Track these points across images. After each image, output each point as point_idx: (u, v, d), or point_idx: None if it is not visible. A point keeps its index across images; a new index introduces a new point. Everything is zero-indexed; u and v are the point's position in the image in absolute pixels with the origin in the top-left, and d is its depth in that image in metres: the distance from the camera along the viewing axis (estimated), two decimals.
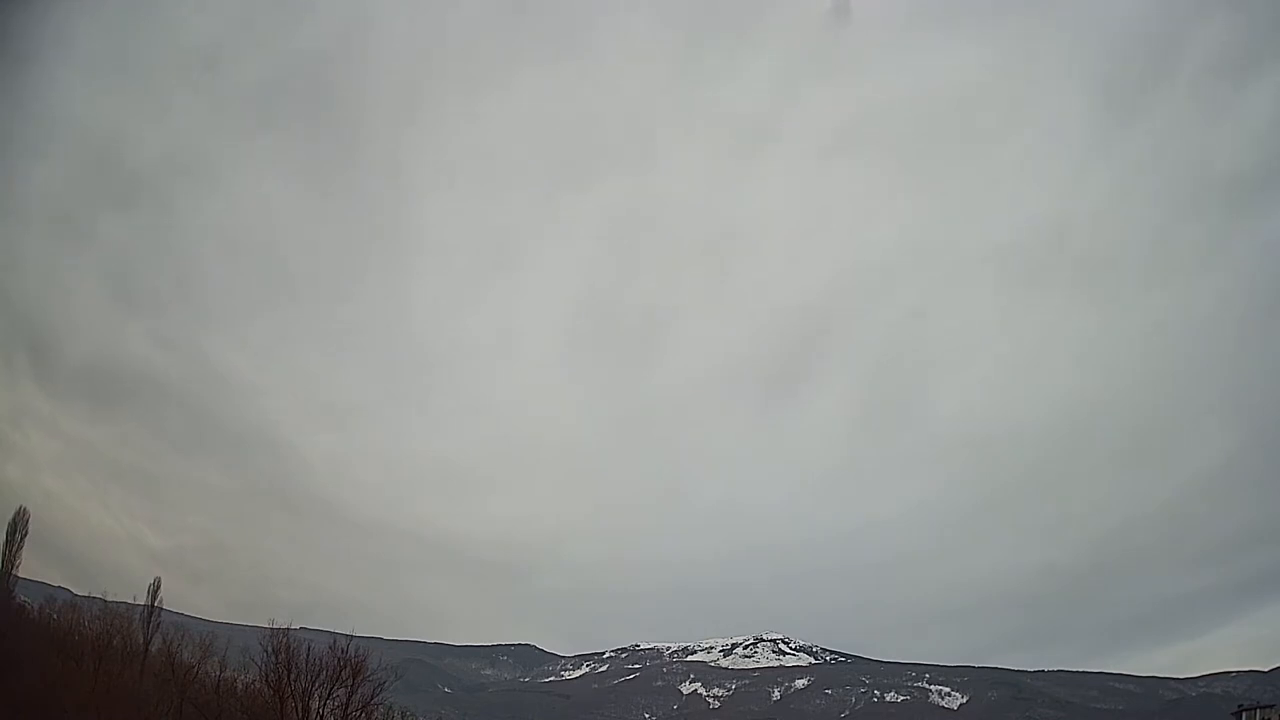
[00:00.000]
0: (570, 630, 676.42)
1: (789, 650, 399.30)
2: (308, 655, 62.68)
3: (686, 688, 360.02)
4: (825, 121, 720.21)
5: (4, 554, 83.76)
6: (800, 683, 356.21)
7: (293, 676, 61.18)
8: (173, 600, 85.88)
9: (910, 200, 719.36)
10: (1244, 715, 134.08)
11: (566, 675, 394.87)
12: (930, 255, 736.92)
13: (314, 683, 61.93)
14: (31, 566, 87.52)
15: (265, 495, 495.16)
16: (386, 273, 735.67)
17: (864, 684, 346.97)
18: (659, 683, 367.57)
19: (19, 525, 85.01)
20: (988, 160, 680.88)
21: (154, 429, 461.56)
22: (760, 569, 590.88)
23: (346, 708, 63.47)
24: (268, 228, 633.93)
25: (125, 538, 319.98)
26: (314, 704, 61.90)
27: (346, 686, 62.99)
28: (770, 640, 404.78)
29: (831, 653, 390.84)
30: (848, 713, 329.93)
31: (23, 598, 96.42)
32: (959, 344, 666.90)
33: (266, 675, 62.12)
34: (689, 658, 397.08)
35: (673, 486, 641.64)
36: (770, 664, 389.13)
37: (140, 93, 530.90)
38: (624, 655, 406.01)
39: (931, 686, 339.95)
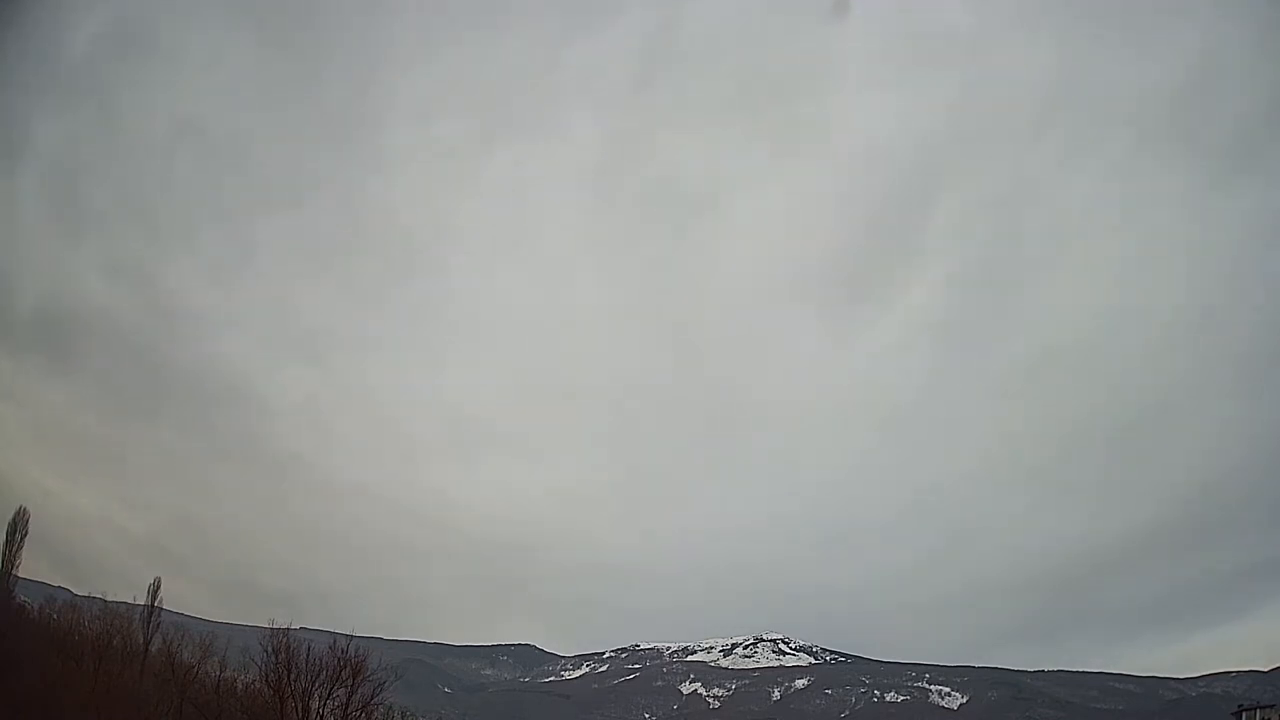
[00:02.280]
0: (570, 630, 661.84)
1: (789, 650, 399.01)
2: (308, 655, 62.76)
3: (686, 688, 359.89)
4: None
5: (4, 554, 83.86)
6: (800, 683, 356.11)
7: (293, 676, 61.21)
8: (171, 600, 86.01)
9: (1037, 37, 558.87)
10: (1244, 715, 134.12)
11: (566, 675, 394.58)
12: (1056, 109, 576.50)
13: (314, 683, 61.96)
14: (27, 565, 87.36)
15: (233, 459, 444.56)
16: (361, 158, 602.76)
17: (864, 684, 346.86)
18: (659, 683, 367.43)
19: (19, 525, 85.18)
20: None
21: (108, 383, 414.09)
22: (766, 566, 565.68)
23: (346, 708, 63.48)
24: (222, 113, 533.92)
25: (97, 519, 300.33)
26: (314, 704, 61.92)
27: (346, 686, 63.01)
28: (770, 640, 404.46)
29: (831, 653, 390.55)
30: (848, 713, 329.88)
31: (23, 598, 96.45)
32: (1067, 234, 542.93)
33: (266, 675, 62.17)
34: (689, 658, 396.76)
35: (713, 444, 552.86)
36: (770, 664, 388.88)
37: None
38: (624, 655, 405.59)
39: (931, 686, 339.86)
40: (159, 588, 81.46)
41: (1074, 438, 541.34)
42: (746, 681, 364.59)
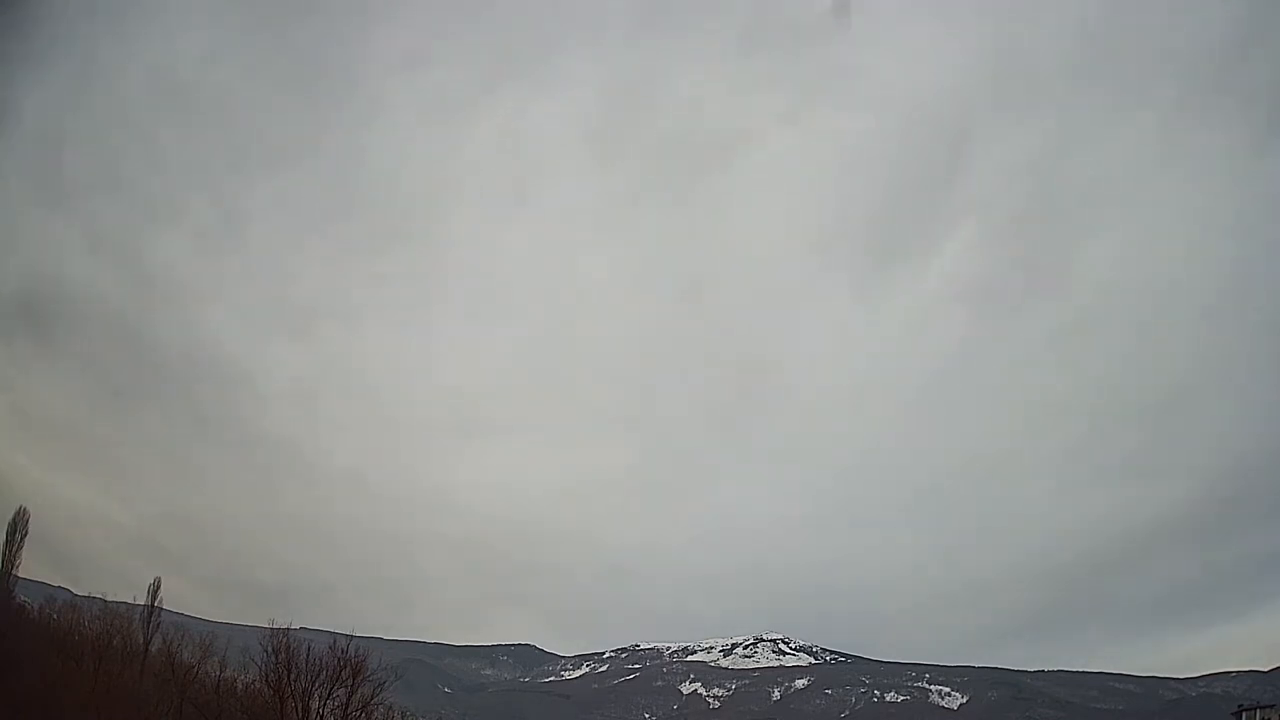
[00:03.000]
0: (570, 630, 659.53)
1: (789, 650, 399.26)
2: (308, 655, 62.75)
3: (686, 688, 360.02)
4: None
5: (4, 554, 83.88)
6: (800, 683, 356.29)
7: (293, 676, 61.19)
8: (170, 599, 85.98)
9: None
10: (1244, 715, 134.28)
11: (566, 675, 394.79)
12: (1103, 58, 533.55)
13: (314, 683, 61.94)
14: (27, 565, 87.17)
15: (224, 448, 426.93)
16: (349, 112, 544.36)
17: (864, 684, 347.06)
18: (659, 683, 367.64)
19: (19, 525, 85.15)
20: None
21: (95, 368, 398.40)
22: (767, 566, 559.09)
23: (346, 708, 63.46)
24: (201, 71, 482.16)
25: (89, 514, 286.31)
26: (314, 704, 61.88)
27: (346, 686, 63.00)
28: (770, 640, 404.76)
29: (831, 653, 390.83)
30: (848, 713, 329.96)
31: (23, 598, 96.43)
32: (1111, 191, 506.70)
33: (266, 675, 62.16)
34: (689, 658, 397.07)
35: (722, 430, 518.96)
36: (770, 664, 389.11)
37: None
38: (624, 655, 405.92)
39: (931, 686, 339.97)
40: (159, 588, 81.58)
41: (1094, 420, 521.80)
42: (746, 681, 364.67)
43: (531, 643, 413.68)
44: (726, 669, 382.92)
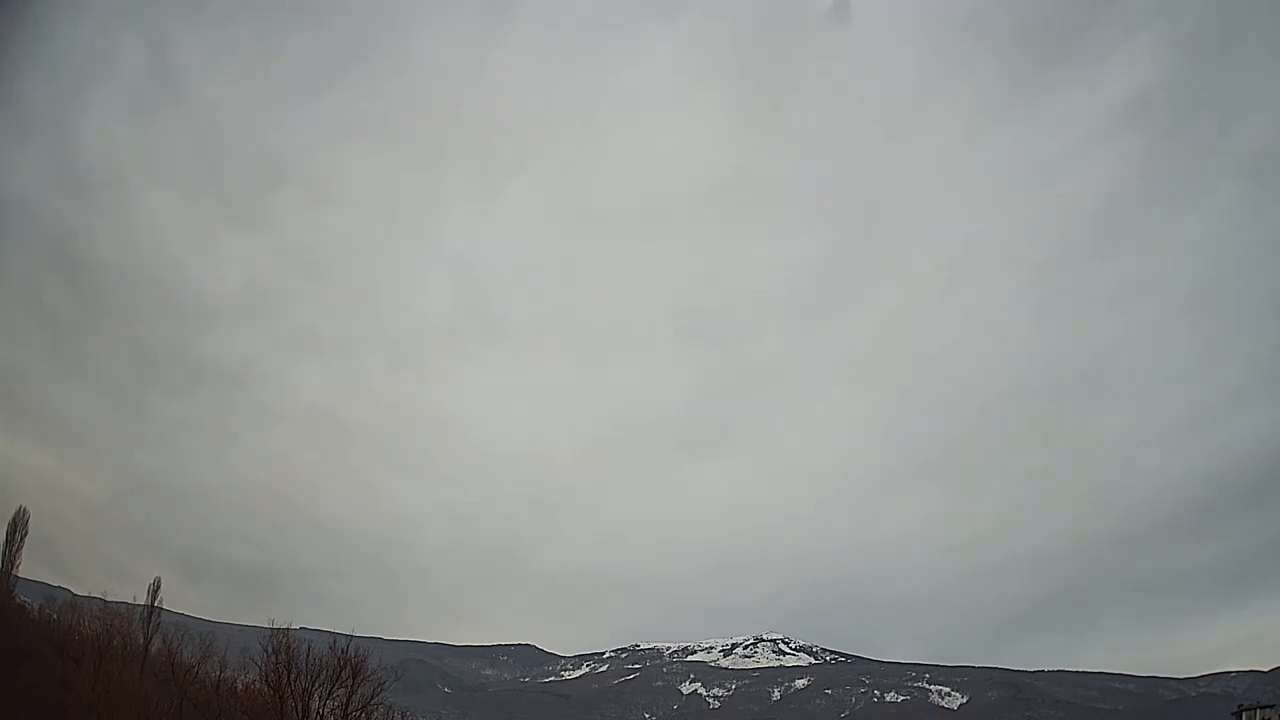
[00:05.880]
0: (570, 630, 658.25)
1: (789, 650, 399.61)
2: (308, 655, 62.98)
3: (686, 688, 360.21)
4: None
5: (4, 554, 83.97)
6: (800, 683, 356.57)
7: (293, 676, 61.36)
8: (172, 600, 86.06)
9: None
10: (1244, 715, 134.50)
11: (566, 675, 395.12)
12: None
13: (314, 683, 62.14)
14: (27, 565, 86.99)
15: (173, 389, 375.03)
16: None
17: (864, 684, 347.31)
18: (659, 683, 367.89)
19: (19, 525, 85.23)
20: None
21: (28, 299, 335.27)
22: (770, 565, 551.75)
23: (346, 708, 63.61)
24: None
25: (61, 496, 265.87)
26: (314, 704, 62.04)
27: (346, 686, 63.23)
28: (770, 640, 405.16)
29: (831, 653, 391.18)
30: (848, 713, 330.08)
31: (23, 598, 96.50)
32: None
33: (266, 675, 62.32)
34: (689, 658, 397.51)
35: (809, 320, 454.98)
36: (770, 664, 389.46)
37: None
38: (624, 655, 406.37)
39: (931, 686, 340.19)
40: (159, 588, 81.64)
41: (1236, 314, 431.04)
42: (746, 681, 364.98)
43: (531, 643, 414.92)
44: (726, 669, 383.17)
